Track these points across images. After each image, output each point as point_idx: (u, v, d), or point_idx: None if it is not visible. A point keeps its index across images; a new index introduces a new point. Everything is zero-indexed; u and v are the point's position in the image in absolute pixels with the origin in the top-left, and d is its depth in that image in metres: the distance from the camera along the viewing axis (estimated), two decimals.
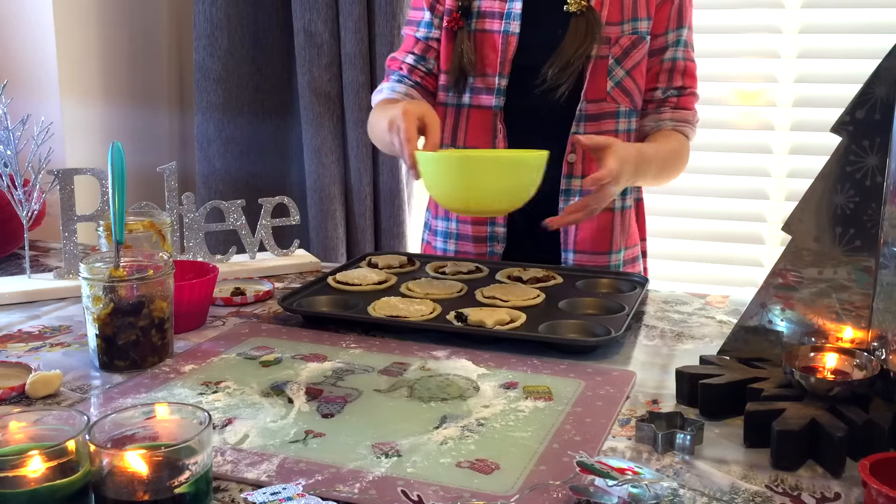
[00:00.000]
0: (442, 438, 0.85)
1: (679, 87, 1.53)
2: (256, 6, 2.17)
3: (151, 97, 2.25)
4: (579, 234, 1.52)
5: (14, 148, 1.39)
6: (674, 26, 1.50)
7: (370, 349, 1.10)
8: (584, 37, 1.43)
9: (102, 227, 1.27)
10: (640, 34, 1.47)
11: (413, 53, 1.56)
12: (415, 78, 1.56)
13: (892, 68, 0.91)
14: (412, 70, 1.56)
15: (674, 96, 1.53)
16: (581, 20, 1.44)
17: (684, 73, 1.52)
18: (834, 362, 0.92)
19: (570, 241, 1.52)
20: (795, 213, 0.97)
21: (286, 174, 2.28)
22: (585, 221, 1.47)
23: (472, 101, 1.52)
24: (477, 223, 1.55)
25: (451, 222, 1.59)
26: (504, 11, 1.48)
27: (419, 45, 1.56)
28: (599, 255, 1.52)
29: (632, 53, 1.47)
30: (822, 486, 0.78)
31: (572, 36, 1.43)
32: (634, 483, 0.73)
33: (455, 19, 1.50)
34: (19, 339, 1.16)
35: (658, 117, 1.53)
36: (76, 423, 0.72)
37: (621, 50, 1.46)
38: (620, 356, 1.10)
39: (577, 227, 1.51)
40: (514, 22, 1.47)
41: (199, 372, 1.03)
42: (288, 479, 0.77)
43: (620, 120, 1.50)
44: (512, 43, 1.47)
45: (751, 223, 2.17)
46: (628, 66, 1.47)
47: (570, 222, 1.38)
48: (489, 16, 1.50)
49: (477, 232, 1.55)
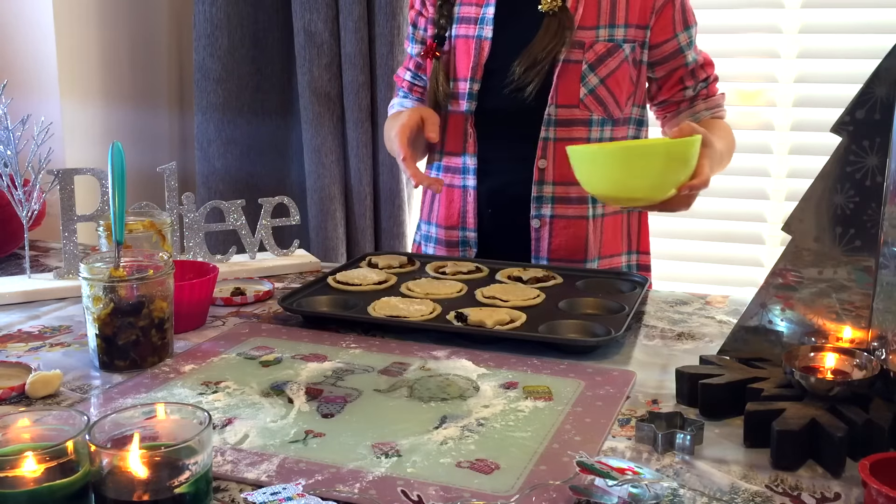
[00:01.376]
0: (442, 438, 0.85)
1: (705, 79, 1.54)
2: (256, 6, 2.17)
3: (151, 97, 2.25)
4: (553, 241, 1.49)
5: (14, 148, 1.39)
6: (681, 28, 1.50)
7: (370, 349, 1.10)
8: (555, 35, 1.42)
9: (102, 227, 1.27)
10: (617, 42, 1.45)
11: (409, 70, 1.62)
12: (415, 95, 1.62)
13: (892, 68, 0.91)
14: (412, 87, 1.63)
15: (703, 88, 1.55)
16: (553, 20, 1.43)
17: (704, 65, 1.55)
18: (834, 362, 0.92)
19: (542, 248, 1.50)
20: (795, 213, 0.97)
21: (286, 174, 2.28)
22: (559, 229, 1.48)
23: (450, 107, 1.53)
24: (450, 228, 1.55)
25: (431, 226, 1.59)
26: (479, 16, 1.48)
27: (412, 61, 1.61)
28: (574, 262, 1.49)
29: (607, 61, 1.45)
30: (822, 486, 0.78)
31: (542, 34, 1.43)
32: (634, 483, 0.73)
33: (431, 48, 1.52)
34: (19, 339, 1.16)
35: (693, 111, 1.54)
36: (76, 423, 0.72)
37: (595, 56, 1.44)
38: (620, 356, 1.10)
39: (550, 235, 1.49)
40: (488, 27, 1.47)
41: (199, 372, 1.03)
42: (288, 479, 0.77)
43: (593, 128, 1.47)
44: (485, 48, 1.47)
45: (751, 223, 2.17)
46: (602, 74, 1.45)
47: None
48: (465, 21, 1.50)
49: (449, 237, 1.56)
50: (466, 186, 1.52)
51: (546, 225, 1.49)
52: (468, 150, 1.51)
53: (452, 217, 1.55)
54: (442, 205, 1.56)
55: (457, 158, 1.53)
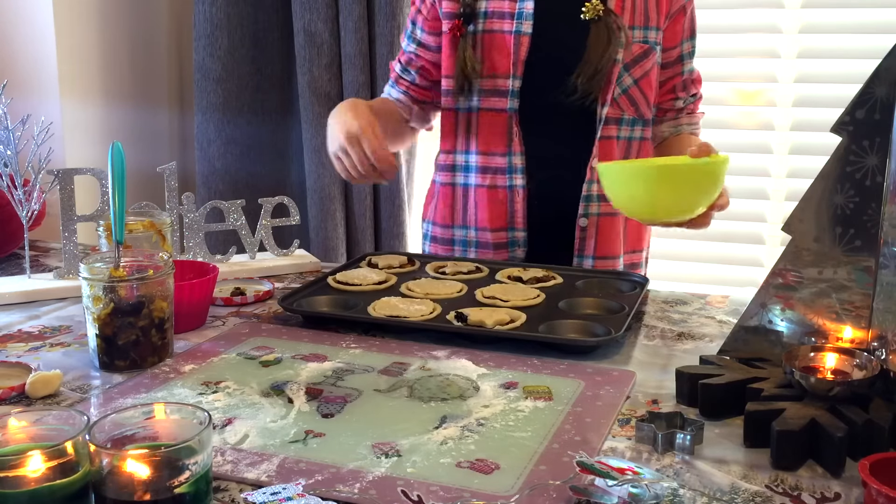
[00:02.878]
0: (442, 438, 0.85)
1: (694, 94, 1.58)
2: (256, 6, 2.17)
3: (151, 97, 2.25)
4: (599, 240, 1.51)
5: (14, 148, 1.39)
6: (687, 36, 1.53)
7: (370, 349, 1.10)
8: (608, 41, 1.42)
9: (102, 227, 1.27)
10: (651, 44, 1.47)
11: (400, 63, 1.62)
12: (401, 87, 1.61)
13: (892, 68, 0.91)
14: (399, 79, 1.62)
15: (690, 104, 1.58)
16: (601, 25, 1.42)
17: (695, 80, 1.58)
18: (834, 362, 0.92)
19: (588, 247, 1.51)
20: (795, 213, 0.97)
21: (286, 174, 2.28)
22: (603, 228, 1.51)
23: (483, 104, 1.50)
24: (497, 230, 1.53)
25: (470, 230, 1.56)
26: (514, 11, 1.46)
27: (405, 56, 1.61)
28: (612, 259, 1.52)
29: (642, 62, 1.47)
30: (822, 486, 0.78)
31: (594, 42, 1.42)
32: (634, 483, 0.73)
33: (457, 26, 1.49)
34: (19, 339, 1.16)
35: (676, 123, 1.58)
36: (76, 423, 0.72)
37: (631, 57, 1.46)
38: (620, 356, 1.10)
39: (596, 233, 1.50)
40: (527, 22, 1.45)
41: (199, 372, 1.03)
42: (288, 479, 0.77)
43: (622, 127, 1.49)
44: (524, 44, 1.45)
45: (751, 223, 2.17)
46: (637, 75, 1.47)
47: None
48: (497, 16, 1.48)
49: (497, 238, 1.53)
50: (514, 186, 1.50)
51: (593, 224, 1.50)
52: (514, 149, 1.49)
53: (499, 218, 1.52)
54: (482, 206, 1.53)
55: (500, 158, 1.50)
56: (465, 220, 1.57)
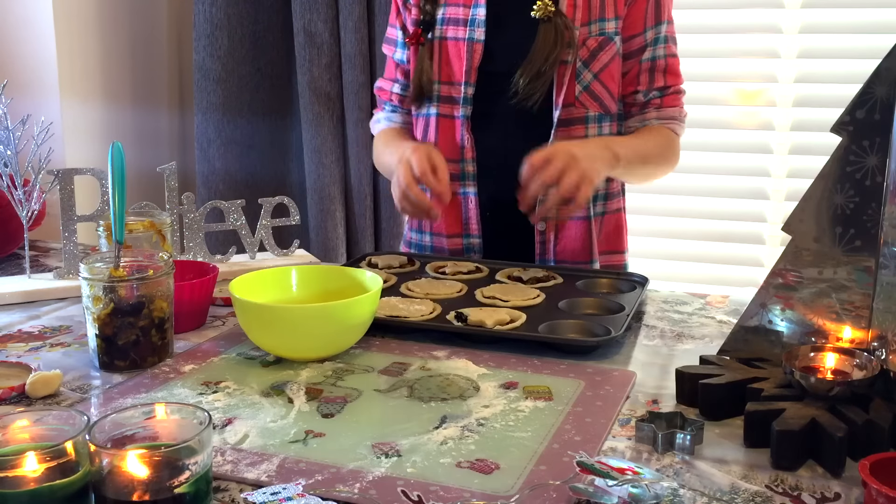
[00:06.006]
0: (442, 438, 0.85)
1: (661, 88, 1.48)
2: (256, 6, 2.17)
3: (151, 97, 2.25)
4: (559, 243, 1.49)
5: (14, 148, 1.39)
6: (651, 23, 1.45)
7: (370, 349, 1.10)
8: (554, 43, 1.39)
9: (102, 227, 1.27)
10: (608, 35, 1.43)
11: (398, 81, 1.58)
12: (405, 108, 1.58)
13: (892, 68, 0.91)
14: (402, 100, 1.58)
15: (657, 97, 1.48)
16: (549, 26, 1.39)
17: (665, 71, 1.47)
18: (834, 362, 0.92)
19: (548, 251, 1.49)
20: (795, 213, 0.97)
21: (286, 174, 2.28)
22: (564, 231, 1.47)
23: (440, 111, 1.49)
24: (452, 236, 1.52)
25: (425, 235, 1.57)
26: (468, 18, 1.44)
27: (399, 69, 1.57)
28: (579, 263, 1.49)
29: (599, 56, 1.42)
30: (822, 486, 0.78)
31: (541, 43, 1.39)
32: (634, 483, 0.73)
33: (416, 35, 1.48)
34: (19, 339, 1.16)
35: (643, 117, 1.49)
36: (76, 423, 0.72)
37: (588, 52, 1.42)
38: (620, 356, 1.10)
39: (555, 237, 1.48)
40: (479, 28, 1.44)
41: (199, 372, 1.03)
42: (288, 479, 0.77)
43: (590, 125, 1.45)
44: (477, 50, 1.44)
45: (751, 223, 2.17)
46: (596, 69, 1.43)
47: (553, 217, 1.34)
48: (453, 23, 1.46)
49: (452, 245, 1.53)
50: (467, 193, 1.49)
51: (551, 228, 1.48)
52: (466, 155, 1.48)
53: (454, 225, 1.52)
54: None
55: (453, 165, 1.48)
56: (421, 226, 1.58)
